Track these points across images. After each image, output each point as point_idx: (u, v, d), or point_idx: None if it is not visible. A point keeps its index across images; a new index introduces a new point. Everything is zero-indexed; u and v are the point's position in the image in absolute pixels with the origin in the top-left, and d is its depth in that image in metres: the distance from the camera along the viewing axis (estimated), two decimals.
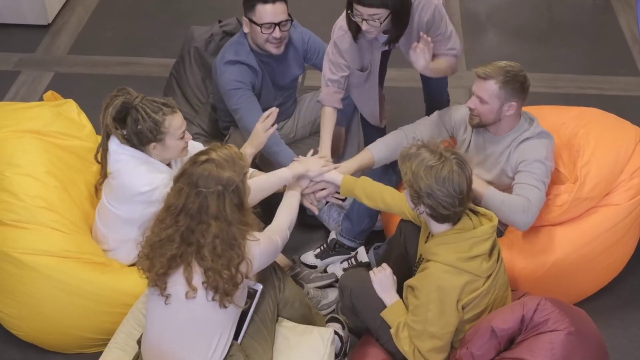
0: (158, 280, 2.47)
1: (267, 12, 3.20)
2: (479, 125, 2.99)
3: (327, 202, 3.47)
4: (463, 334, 2.60)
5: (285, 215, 2.82)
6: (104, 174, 2.99)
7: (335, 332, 3.01)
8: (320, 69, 3.34)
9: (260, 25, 3.22)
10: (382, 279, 2.75)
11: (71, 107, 3.40)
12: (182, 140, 2.86)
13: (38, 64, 4.77)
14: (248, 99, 3.32)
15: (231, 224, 2.44)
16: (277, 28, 3.23)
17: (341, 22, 3.16)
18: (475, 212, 2.61)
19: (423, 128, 3.18)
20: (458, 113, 3.15)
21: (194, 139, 3.13)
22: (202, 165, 2.44)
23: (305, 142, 3.68)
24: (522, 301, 2.48)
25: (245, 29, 3.30)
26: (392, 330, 2.65)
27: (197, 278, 2.45)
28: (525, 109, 3.52)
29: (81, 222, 3.09)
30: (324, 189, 3.07)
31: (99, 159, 2.98)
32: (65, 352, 3.10)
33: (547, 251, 3.01)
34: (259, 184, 2.85)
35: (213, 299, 2.45)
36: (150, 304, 2.56)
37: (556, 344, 2.38)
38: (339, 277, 3.32)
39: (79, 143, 3.28)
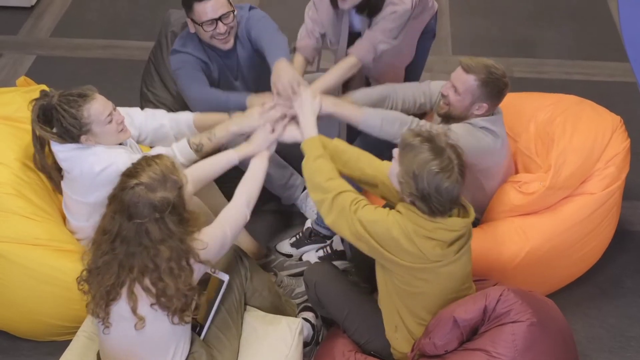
0: (99, 310, 2.37)
1: (206, 10, 3.04)
2: (446, 116, 2.92)
3: (305, 189, 3.43)
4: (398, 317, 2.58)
5: (245, 192, 2.66)
6: (55, 179, 2.96)
7: (308, 321, 2.99)
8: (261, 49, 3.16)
9: (201, 24, 3.08)
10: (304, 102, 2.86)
11: None
12: (112, 124, 2.74)
13: (20, 46, 4.73)
14: (194, 77, 3.16)
15: (182, 240, 2.36)
16: (219, 23, 3.08)
17: None
18: (461, 204, 2.51)
19: (410, 92, 3.11)
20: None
21: None
22: (131, 191, 2.30)
23: None
24: (485, 292, 2.45)
25: (191, 30, 3.16)
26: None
27: (143, 304, 2.34)
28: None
29: (52, 209, 3.06)
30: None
31: (39, 166, 2.93)
32: (36, 340, 3.09)
33: (521, 240, 2.97)
34: (202, 171, 2.74)
35: (173, 322, 2.37)
36: (98, 324, 2.47)
37: (518, 335, 2.36)
38: None
39: None
